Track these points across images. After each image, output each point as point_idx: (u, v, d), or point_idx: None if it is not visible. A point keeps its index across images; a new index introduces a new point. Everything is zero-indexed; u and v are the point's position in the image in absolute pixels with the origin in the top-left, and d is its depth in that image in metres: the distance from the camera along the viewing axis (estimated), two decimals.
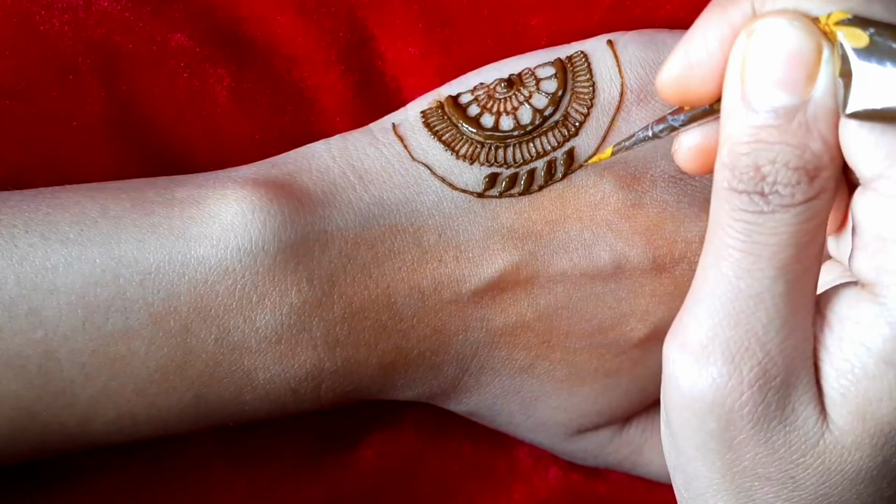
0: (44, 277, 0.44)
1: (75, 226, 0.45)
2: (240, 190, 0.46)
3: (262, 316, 0.46)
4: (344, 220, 0.47)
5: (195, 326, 0.45)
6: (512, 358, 0.50)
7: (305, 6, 0.51)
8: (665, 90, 0.38)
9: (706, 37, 0.36)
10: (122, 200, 0.46)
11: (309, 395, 0.48)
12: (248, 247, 0.45)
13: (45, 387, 0.44)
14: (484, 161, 0.49)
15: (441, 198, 0.48)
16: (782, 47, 0.34)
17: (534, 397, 0.51)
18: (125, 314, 0.45)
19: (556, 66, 0.50)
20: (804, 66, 0.34)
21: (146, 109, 0.51)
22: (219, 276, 0.45)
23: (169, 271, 0.45)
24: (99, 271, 0.44)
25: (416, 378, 0.50)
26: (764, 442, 0.37)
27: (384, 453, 0.55)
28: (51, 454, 0.47)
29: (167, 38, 0.51)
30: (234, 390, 0.46)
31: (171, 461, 0.53)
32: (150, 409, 0.46)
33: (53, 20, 0.50)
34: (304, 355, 0.47)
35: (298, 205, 0.46)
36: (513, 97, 0.50)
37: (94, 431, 0.46)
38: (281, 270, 0.46)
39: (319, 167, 0.48)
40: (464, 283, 0.48)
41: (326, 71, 0.52)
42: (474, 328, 0.49)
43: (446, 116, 0.49)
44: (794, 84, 0.34)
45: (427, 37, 0.52)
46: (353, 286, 0.47)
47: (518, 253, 0.48)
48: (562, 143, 0.49)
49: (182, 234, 0.45)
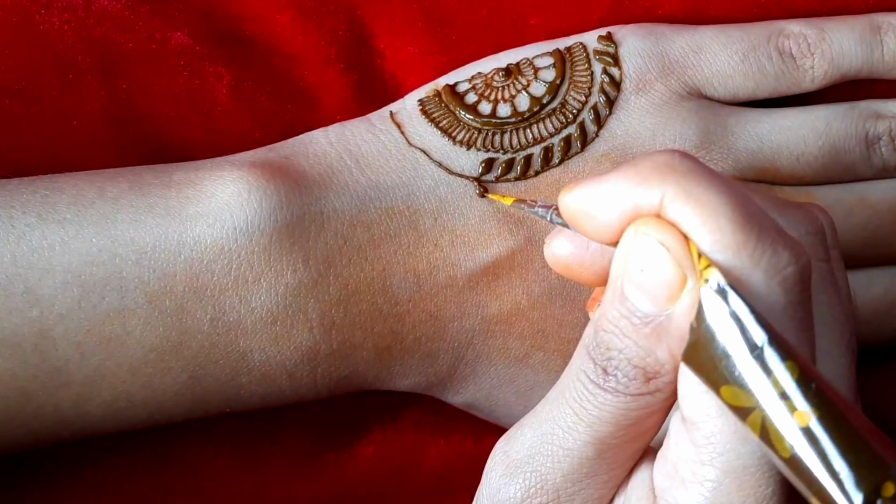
0: (40, 257, 0.44)
1: (72, 206, 0.45)
2: (236, 171, 0.46)
3: (257, 296, 0.46)
4: (340, 201, 0.47)
5: (190, 306, 0.45)
6: (507, 347, 0.50)
7: (305, 5, 0.52)
8: (567, 212, 0.38)
9: (611, 196, 0.36)
10: (120, 183, 0.46)
11: (305, 379, 0.48)
12: (243, 226, 0.45)
13: (41, 366, 0.44)
14: (480, 146, 0.49)
15: (437, 182, 0.48)
16: (650, 263, 0.35)
17: (529, 387, 0.51)
18: (121, 293, 0.44)
19: (555, 56, 0.50)
20: (666, 287, 0.35)
21: (146, 108, 0.51)
22: (214, 256, 0.45)
23: (165, 250, 0.45)
24: (95, 250, 0.44)
25: (413, 365, 0.49)
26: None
27: (385, 450, 0.54)
28: (47, 442, 0.47)
29: (167, 37, 0.51)
30: (229, 372, 0.46)
31: (169, 457, 0.52)
32: (146, 389, 0.46)
33: (53, 19, 0.50)
34: (300, 337, 0.46)
35: (295, 186, 0.46)
36: (510, 85, 0.50)
37: (90, 414, 0.46)
38: (276, 250, 0.46)
39: (316, 151, 0.48)
40: (459, 267, 0.48)
41: (326, 69, 0.52)
42: (469, 315, 0.49)
43: (444, 104, 0.50)
44: (655, 297, 0.35)
45: (426, 35, 0.52)
46: (348, 268, 0.47)
47: (513, 238, 0.48)
48: (559, 130, 0.49)
49: (178, 214, 0.45)
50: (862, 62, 0.51)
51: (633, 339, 0.36)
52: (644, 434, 0.38)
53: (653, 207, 0.35)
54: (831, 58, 0.51)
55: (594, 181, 0.36)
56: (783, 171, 0.50)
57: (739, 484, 0.35)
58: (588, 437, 0.37)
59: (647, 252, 0.35)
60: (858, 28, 0.51)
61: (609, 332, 0.36)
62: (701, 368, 0.34)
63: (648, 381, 0.36)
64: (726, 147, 0.50)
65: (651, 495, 0.38)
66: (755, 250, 0.34)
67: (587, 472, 0.38)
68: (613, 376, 0.36)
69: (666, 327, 0.35)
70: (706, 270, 0.34)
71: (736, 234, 0.34)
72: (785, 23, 0.52)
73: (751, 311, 0.33)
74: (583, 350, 0.38)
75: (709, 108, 0.50)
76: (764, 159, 0.50)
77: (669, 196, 0.34)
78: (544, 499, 0.39)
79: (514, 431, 0.40)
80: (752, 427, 0.33)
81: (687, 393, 0.35)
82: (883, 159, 0.51)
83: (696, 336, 0.34)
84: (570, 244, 0.40)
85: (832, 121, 0.51)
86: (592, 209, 0.36)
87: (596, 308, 0.41)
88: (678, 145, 0.49)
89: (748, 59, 0.51)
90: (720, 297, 0.33)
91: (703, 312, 0.34)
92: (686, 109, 0.50)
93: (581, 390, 0.37)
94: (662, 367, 0.36)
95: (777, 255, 0.34)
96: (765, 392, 0.32)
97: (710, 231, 0.34)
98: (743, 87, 0.51)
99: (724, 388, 0.33)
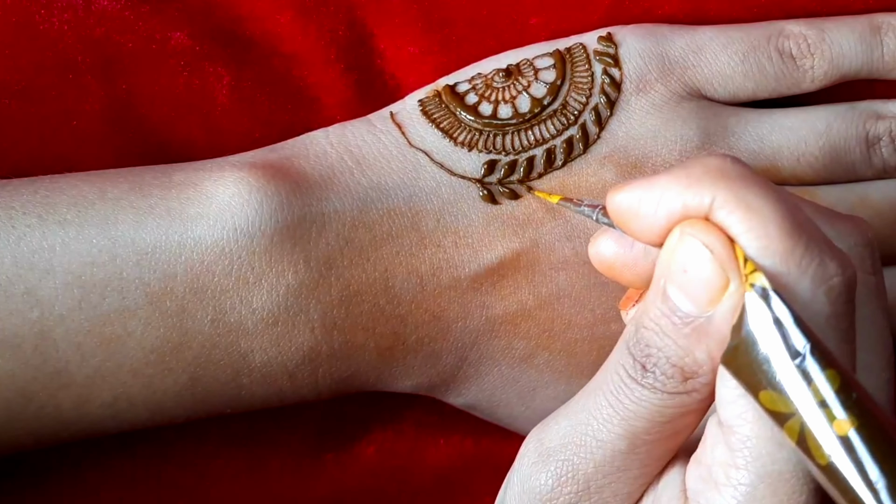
0: (40, 258, 0.44)
1: (73, 207, 0.45)
2: (237, 172, 0.46)
3: (258, 297, 0.45)
4: (341, 202, 0.47)
5: (191, 307, 0.45)
6: (512, 347, 0.49)
7: (305, 5, 0.52)
8: (614, 212, 0.38)
9: (661, 197, 0.36)
10: (120, 184, 0.46)
11: (306, 380, 0.47)
12: (244, 227, 0.45)
13: (41, 367, 0.44)
14: (482, 148, 0.49)
15: (439, 183, 0.48)
16: (694, 265, 0.35)
17: (532, 388, 0.51)
18: (121, 294, 0.44)
19: (555, 57, 0.50)
20: (708, 290, 0.35)
21: (146, 108, 0.51)
22: (215, 257, 0.45)
23: (166, 251, 0.45)
24: (96, 251, 0.44)
25: (415, 366, 0.49)
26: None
27: (385, 450, 0.54)
28: (47, 443, 0.46)
29: (167, 37, 0.51)
30: (230, 373, 0.46)
31: (170, 457, 0.52)
32: (146, 391, 0.46)
33: (53, 19, 0.50)
34: (301, 338, 0.46)
35: (296, 187, 0.46)
36: (511, 86, 0.50)
37: (91, 415, 0.46)
38: (277, 251, 0.46)
39: (317, 152, 0.48)
40: (462, 268, 0.48)
41: (326, 69, 0.52)
42: (473, 315, 0.49)
43: (444, 105, 0.50)
44: (697, 299, 0.35)
45: (426, 35, 0.52)
46: (350, 269, 0.47)
47: (518, 240, 0.48)
48: (561, 132, 0.49)
49: (179, 215, 0.45)
50: (862, 62, 0.51)
51: (673, 339, 0.36)
52: (677, 434, 0.38)
53: (701, 210, 0.35)
54: (831, 58, 0.51)
55: (644, 181, 0.37)
56: (784, 172, 0.51)
57: (773, 489, 0.35)
58: (622, 430, 0.38)
59: (691, 253, 0.35)
60: (858, 28, 0.51)
61: (650, 329, 0.37)
62: (740, 372, 0.34)
63: (685, 381, 0.36)
64: (727, 147, 0.50)
65: (682, 497, 0.38)
66: (803, 258, 0.34)
67: (618, 466, 0.38)
68: (651, 373, 0.37)
69: (706, 329, 0.35)
70: (752, 275, 0.34)
71: (784, 241, 0.34)
72: (785, 23, 0.52)
73: (794, 317, 0.33)
74: (623, 345, 0.38)
75: (709, 108, 0.50)
76: (764, 160, 0.50)
77: (720, 200, 0.35)
78: (574, 488, 0.39)
79: (549, 420, 0.40)
80: (789, 433, 0.33)
81: (725, 396, 0.35)
82: (883, 159, 0.51)
83: (737, 339, 0.34)
84: (615, 244, 0.40)
85: (832, 121, 0.51)
86: (641, 209, 0.37)
87: (630, 307, 0.42)
88: (679, 146, 0.49)
89: (748, 60, 0.51)
90: (764, 301, 0.33)
91: (745, 316, 0.34)
92: (686, 110, 0.50)
93: (619, 384, 0.37)
94: (700, 367, 0.36)
95: (824, 265, 0.34)
96: (804, 399, 0.32)
97: (758, 237, 0.34)
98: (743, 88, 0.51)
99: (763, 393, 0.33)
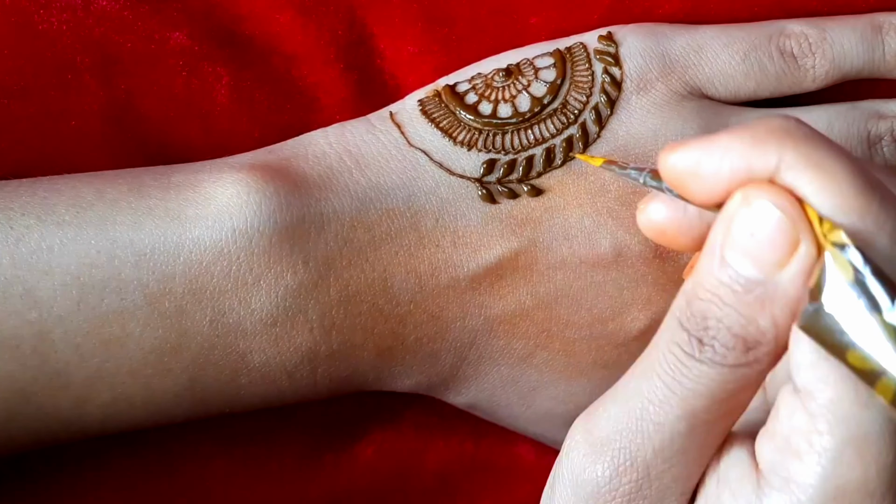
0: (39, 258, 0.44)
1: (71, 208, 0.45)
2: (236, 173, 0.46)
3: (257, 298, 0.45)
4: (340, 203, 0.47)
5: (190, 308, 0.45)
6: (510, 347, 0.49)
7: (305, 5, 0.52)
8: (670, 172, 0.37)
9: (723, 158, 0.35)
10: (119, 185, 0.46)
11: (305, 380, 0.47)
12: (243, 228, 0.45)
13: (40, 368, 0.44)
14: (482, 147, 0.49)
15: (438, 183, 0.48)
16: (762, 227, 0.35)
17: (532, 388, 0.51)
18: (120, 295, 0.44)
19: (555, 56, 0.50)
20: (776, 251, 0.35)
21: (145, 108, 0.51)
22: (214, 258, 0.45)
23: (164, 252, 0.45)
24: (94, 252, 0.44)
25: (414, 366, 0.49)
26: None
27: (384, 451, 0.54)
28: (46, 443, 0.47)
29: (166, 37, 0.51)
30: (229, 373, 0.46)
31: (169, 458, 0.52)
32: (145, 391, 0.46)
33: (52, 19, 0.50)
34: (300, 338, 0.46)
35: (294, 187, 0.46)
36: (511, 86, 0.50)
37: (90, 415, 0.46)
38: (276, 252, 0.45)
39: (316, 153, 0.48)
40: (461, 268, 0.48)
41: (326, 69, 0.52)
42: (472, 315, 0.48)
43: (444, 104, 0.50)
44: (763, 263, 0.35)
45: (426, 35, 0.52)
46: (349, 269, 0.47)
47: (517, 239, 0.48)
48: (560, 131, 0.49)
49: (177, 216, 0.45)
50: (863, 62, 0.51)
51: (734, 307, 0.35)
52: (735, 410, 0.37)
53: (767, 171, 0.35)
54: (832, 58, 0.51)
55: (702, 141, 0.36)
56: None
57: (860, 452, 0.34)
58: (681, 410, 0.36)
59: (759, 216, 0.34)
60: (860, 28, 0.51)
61: (706, 300, 0.36)
62: (821, 335, 0.33)
63: (748, 351, 0.35)
64: None
65: (753, 472, 0.37)
66: (879, 214, 0.34)
67: (678, 449, 0.37)
68: (710, 346, 0.36)
69: (771, 294, 0.35)
70: (830, 234, 0.33)
71: (859, 198, 0.33)
72: (786, 22, 0.52)
73: (878, 273, 0.32)
74: (674, 321, 0.37)
75: (710, 108, 0.50)
76: None
77: (788, 160, 0.34)
78: (634, 476, 0.38)
79: (594, 409, 0.39)
80: (882, 392, 0.32)
81: (802, 361, 0.35)
82: (885, 159, 0.51)
83: (816, 302, 0.33)
84: (666, 208, 0.39)
85: (833, 121, 0.51)
86: (700, 169, 0.36)
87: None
88: None
89: (749, 59, 0.50)
90: (847, 259, 0.33)
91: (824, 276, 0.33)
92: (687, 109, 0.50)
93: (674, 363, 0.36)
94: (764, 335, 0.35)
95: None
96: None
97: (832, 195, 0.34)
98: (744, 87, 0.51)
99: (850, 354, 0.33)
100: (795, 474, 0.35)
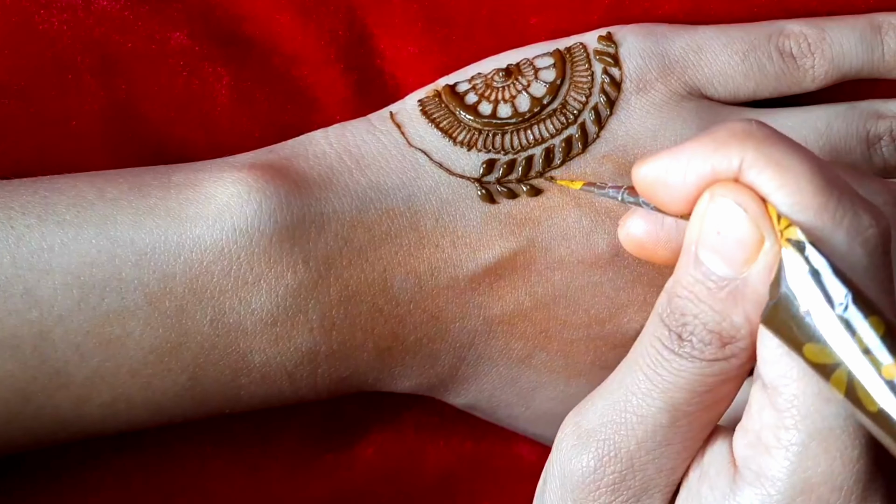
0: (39, 258, 0.44)
1: (72, 208, 0.45)
2: (236, 173, 0.46)
3: (257, 297, 0.45)
4: (340, 202, 0.47)
5: (190, 307, 0.45)
6: (509, 348, 0.50)
7: (305, 5, 0.52)
8: (641, 183, 0.38)
9: (689, 164, 0.36)
10: (120, 184, 0.46)
11: (305, 380, 0.47)
12: (243, 227, 0.45)
13: (40, 367, 0.44)
14: (481, 147, 0.49)
15: (438, 183, 0.48)
16: (728, 225, 0.35)
17: (531, 388, 0.51)
18: (121, 294, 0.44)
19: (555, 57, 0.50)
20: (743, 248, 0.35)
21: (145, 109, 0.51)
22: (214, 257, 0.45)
23: (164, 252, 0.45)
24: (95, 252, 0.44)
25: (413, 366, 0.49)
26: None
27: (385, 451, 0.54)
28: (46, 443, 0.46)
29: (166, 37, 0.51)
30: (229, 373, 0.46)
31: (169, 458, 0.52)
32: (145, 391, 0.46)
33: (52, 19, 0.50)
34: (300, 338, 0.46)
35: (295, 187, 0.46)
36: (511, 86, 0.50)
37: (89, 415, 0.46)
38: (276, 252, 0.45)
39: (316, 152, 0.48)
40: (460, 268, 0.48)
41: (326, 69, 0.52)
42: (471, 316, 0.49)
43: (444, 104, 0.50)
44: (732, 260, 0.36)
45: (426, 35, 0.52)
46: (349, 269, 0.47)
47: (516, 239, 0.48)
48: (560, 131, 0.49)
49: (178, 216, 0.45)
50: (862, 62, 0.51)
51: (709, 304, 0.36)
52: (717, 404, 0.38)
53: (730, 172, 0.35)
54: (832, 58, 0.51)
55: (669, 151, 0.37)
56: None
57: (825, 446, 0.35)
58: (662, 403, 0.37)
59: (724, 214, 0.35)
60: (859, 28, 0.51)
61: (683, 297, 0.37)
62: (781, 329, 0.34)
63: (724, 346, 0.36)
64: None
65: (730, 467, 0.38)
66: (836, 211, 0.34)
67: (661, 441, 0.38)
68: (688, 342, 0.37)
69: (742, 291, 0.36)
70: (786, 230, 0.34)
71: (817, 196, 0.34)
72: (785, 22, 0.52)
73: (833, 268, 0.33)
74: (656, 317, 0.38)
75: (709, 108, 0.50)
76: None
77: (749, 160, 0.35)
78: (617, 467, 0.39)
79: (585, 402, 0.40)
80: (836, 385, 0.33)
81: (767, 356, 0.36)
82: (884, 159, 0.51)
83: (775, 297, 0.34)
84: (645, 223, 0.41)
85: (833, 121, 0.51)
86: (668, 178, 0.37)
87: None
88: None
89: (749, 59, 0.50)
90: (801, 255, 0.33)
91: (783, 272, 0.34)
92: (687, 110, 0.50)
93: (655, 357, 0.37)
94: (738, 331, 0.36)
95: (858, 217, 0.34)
96: (849, 348, 0.32)
97: (790, 193, 0.34)
98: (743, 87, 0.51)
99: (807, 347, 0.33)
100: (766, 469, 0.36)
